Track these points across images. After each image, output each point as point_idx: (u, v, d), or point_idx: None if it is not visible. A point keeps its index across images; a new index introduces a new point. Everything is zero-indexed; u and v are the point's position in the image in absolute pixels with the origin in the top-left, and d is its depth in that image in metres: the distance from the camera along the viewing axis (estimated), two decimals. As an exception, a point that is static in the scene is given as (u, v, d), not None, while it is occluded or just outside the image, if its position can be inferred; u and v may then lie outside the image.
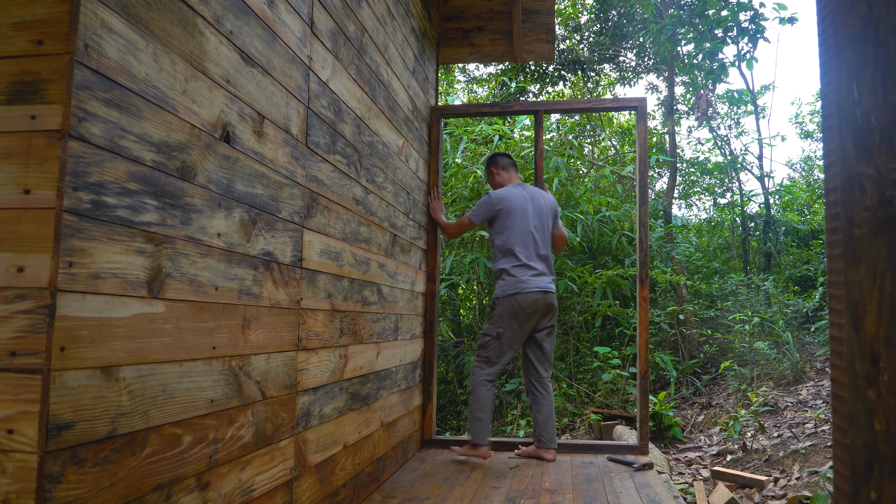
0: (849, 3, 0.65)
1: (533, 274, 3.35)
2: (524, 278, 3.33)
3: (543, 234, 3.45)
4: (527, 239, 3.38)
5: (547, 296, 3.37)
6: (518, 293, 3.31)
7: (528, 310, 3.32)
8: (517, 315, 3.32)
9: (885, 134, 0.62)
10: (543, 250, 3.43)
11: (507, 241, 3.40)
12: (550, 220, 3.52)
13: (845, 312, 0.65)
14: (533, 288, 3.32)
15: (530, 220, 3.41)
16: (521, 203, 3.43)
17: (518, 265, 3.35)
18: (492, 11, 4.42)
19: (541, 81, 10.82)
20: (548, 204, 3.53)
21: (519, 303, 3.31)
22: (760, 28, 7.61)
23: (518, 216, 3.40)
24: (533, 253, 3.38)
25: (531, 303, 3.31)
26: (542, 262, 3.40)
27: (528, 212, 3.42)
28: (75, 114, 1.09)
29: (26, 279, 1.05)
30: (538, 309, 3.34)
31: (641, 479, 3.05)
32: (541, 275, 3.37)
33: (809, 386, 5.67)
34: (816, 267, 8.62)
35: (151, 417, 1.29)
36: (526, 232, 3.39)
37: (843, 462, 0.65)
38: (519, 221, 3.40)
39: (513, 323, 3.34)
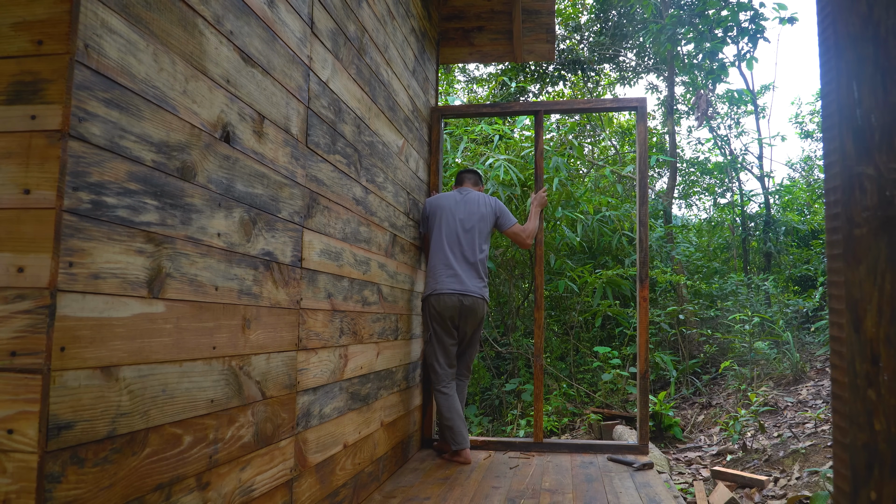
0: (849, 3, 0.65)
1: (449, 275, 3.37)
2: (440, 279, 3.38)
3: (473, 236, 3.46)
4: (451, 241, 3.42)
5: (465, 298, 3.37)
6: (431, 294, 3.39)
7: (443, 311, 3.37)
8: (434, 316, 3.40)
9: (885, 134, 0.62)
10: (469, 253, 3.43)
11: (433, 243, 3.47)
12: (486, 223, 3.52)
13: (845, 312, 0.65)
14: (446, 289, 3.36)
15: (458, 223, 3.45)
16: (450, 206, 3.50)
17: (437, 266, 3.42)
18: (492, 11, 4.42)
19: (541, 81, 10.82)
20: (485, 207, 3.54)
21: (433, 304, 3.38)
22: (760, 28, 7.61)
23: (443, 219, 3.47)
24: (457, 255, 3.41)
25: (447, 302, 3.36)
26: (464, 265, 3.41)
27: (455, 215, 3.47)
28: (75, 114, 1.09)
29: (26, 279, 1.05)
30: (453, 308, 3.36)
31: (641, 479, 3.05)
32: (455, 276, 3.38)
33: (809, 386, 5.67)
34: (816, 267, 8.62)
35: (151, 417, 1.29)
36: (451, 234, 3.43)
37: (843, 462, 0.65)
38: (444, 224, 3.46)
39: (433, 324, 3.41)
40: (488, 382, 6.64)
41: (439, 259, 3.41)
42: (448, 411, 3.35)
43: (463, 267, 3.40)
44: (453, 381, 3.45)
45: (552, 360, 6.74)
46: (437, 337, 3.42)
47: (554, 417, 5.75)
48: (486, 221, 3.53)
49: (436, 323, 3.40)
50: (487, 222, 3.53)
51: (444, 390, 3.39)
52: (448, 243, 3.41)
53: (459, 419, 3.36)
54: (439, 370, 3.42)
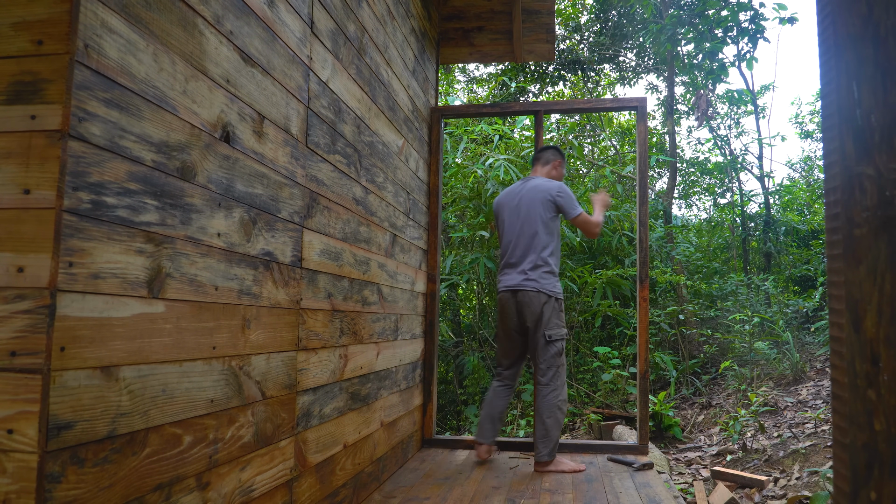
0: (849, 3, 0.65)
1: (505, 273, 3.35)
2: (500, 278, 3.38)
3: (529, 227, 3.29)
4: (511, 236, 3.36)
5: (516, 295, 3.26)
6: (498, 293, 3.39)
7: (502, 310, 3.35)
8: (498, 315, 3.40)
9: (885, 134, 0.62)
10: (525, 245, 3.30)
11: (500, 242, 3.46)
12: (542, 209, 3.29)
13: (845, 312, 0.65)
14: (501, 287, 3.35)
15: (518, 216, 3.35)
16: (509, 200, 3.43)
17: (501, 265, 3.41)
18: (492, 11, 4.42)
19: (541, 81, 10.82)
20: (542, 193, 3.31)
21: (498, 302, 3.37)
22: (760, 28, 7.61)
23: (505, 216, 3.42)
24: (514, 250, 3.33)
25: (501, 302, 3.34)
26: (519, 259, 3.30)
27: (515, 209, 3.38)
28: (75, 114, 1.09)
29: (26, 279, 1.05)
30: (509, 307, 3.31)
31: (641, 479, 3.05)
32: (509, 273, 3.32)
33: (809, 386, 5.67)
34: (816, 267, 8.62)
35: (151, 417, 1.29)
36: (511, 230, 3.37)
37: (843, 462, 0.65)
38: (506, 221, 3.41)
39: (498, 322, 3.43)
40: (488, 382, 6.64)
41: (503, 257, 3.40)
42: (483, 405, 3.41)
43: (518, 261, 3.31)
44: (505, 381, 3.42)
45: (552, 360, 6.72)
46: (497, 335, 3.47)
47: (554, 417, 5.74)
48: (542, 208, 3.28)
49: (498, 321, 3.42)
50: (543, 209, 3.28)
51: (492, 382, 3.45)
52: (507, 239, 3.37)
53: (486, 417, 3.37)
54: (496, 367, 3.47)
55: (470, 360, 6.61)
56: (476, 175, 6.42)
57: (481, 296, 7.52)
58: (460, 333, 7.40)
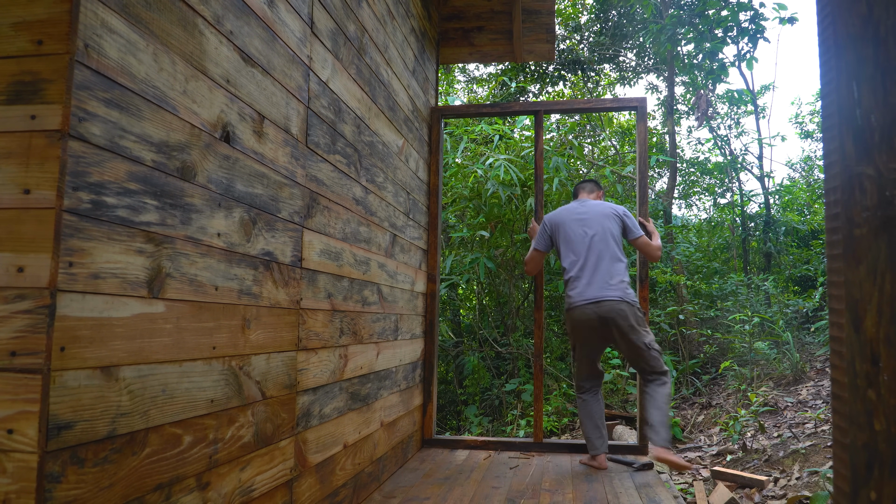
0: (849, 3, 0.65)
1: (583, 286, 3.24)
2: (574, 292, 3.26)
3: (602, 242, 3.30)
4: (580, 250, 3.29)
5: (600, 306, 3.19)
6: (569, 308, 3.27)
7: (581, 324, 3.23)
8: (574, 330, 3.28)
9: (885, 134, 0.62)
10: (599, 258, 3.27)
11: (563, 258, 3.35)
12: (613, 225, 3.35)
13: (845, 312, 0.65)
14: (579, 301, 3.22)
15: (585, 233, 3.31)
16: (571, 217, 3.37)
17: (570, 279, 3.29)
18: (492, 11, 4.42)
19: (541, 81, 10.82)
20: (609, 209, 3.39)
21: (572, 318, 3.26)
22: (760, 28, 7.61)
23: (569, 233, 3.33)
24: (587, 263, 3.27)
25: (580, 315, 3.22)
26: (597, 271, 3.25)
27: (580, 224, 3.33)
28: (75, 114, 1.09)
29: (26, 279, 1.05)
30: (589, 320, 3.21)
31: (641, 479, 3.05)
32: (588, 285, 3.23)
33: (809, 386, 5.67)
34: (816, 267, 8.62)
35: (151, 417, 1.29)
36: (580, 245, 3.30)
37: (843, 462, 0.65)
38: (571, 237, 3.32)
39: (574, 338, 3.34)
40: (488, 382, 6.64)
41: (572, 272, 3.30)
42: (583, 417, 3.37)
43: (595, 275, 3.26)
44: (592, 392, 3.39)
45: (552, 361, 6.74)
46: (578, 351, 3.36)
47: (554, 417, 5.75)
48: (613, 224, 3.35)
49: (576, 337, 3.31)
50: (614, 225, 3.36)
51: (583, 396, 3.38)
52: (576, 254, 3.30)
53: (593, 428, 3.31)
54: (580, 382, 3.38)
55: (470, 360, 6.61)
56: (476, 175, 6.42)
57: (481, 296, 7.52)
58: (460, 333, 7.40)
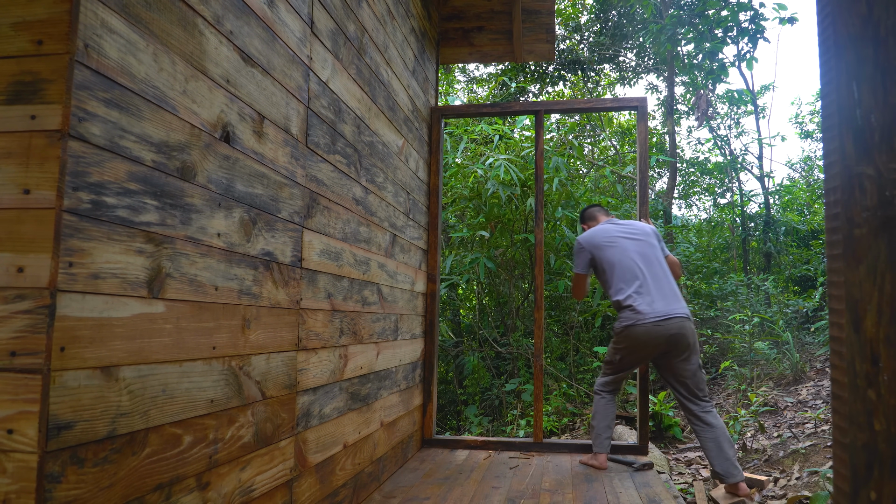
0: (849, 3, 0.65)
1: (650, 301, 3.16)
2: (641, 308, 3.15)
3: (654, 258, 3.28)
4: (628, 268, 3.23)
5: (671, 322, 3.12)
6: (636, 324, 3.14)
7: (647, 341, 3.14)
8: (631, 348, 3.19)
9: (885, 134, 0.62)
10: (659, 273, 3.24)
11: (614, 277, 3.26)
12: (656, 243, 3.35)
13: (845, 312, 0.65)
14: (652, 317, 3.12)
15: (628, 249, 3.26)
16: (613, 236, 3.32)
17: (631, 296, 3.19)
18: (492, 11, 4.42)
19: (541, 81, 10.82)
20: (646, 226, 3.41)
21: (636, 335, 3.14)
22: (760, 28, 7.61)
23: (612, 251, 3.27)
24: (648, 279, 3.21)
25: (649, 332, 3.12)
26: (660, 286, 3.21)
27: (628, 242, 3.29)
28: (75, 114, 1.09)
29: (26, 279, 1.05)
30: (658, 337, 3.12)
31: (641, 478, 3.05)
32: (658, 299, 3.19)
33: (809, 386, 5.67)
34: (816, 267, 8.62)
35: (151, 417, 1.29)
36: (627, 261, 3.24)
37: (843, 462, 0.65)
38: (616, 254, 3.26)
39: (627, 355, 3.24)
40: (488, 382, 6.64)
41: (631, 288, 3.19)
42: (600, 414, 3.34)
43: (660, 288, 3.20)
44: (616, 393, 3.36)
45: (552, 360, 6.74)
46: (619, 365, 3.28)
47: (554, 417, 5.75)
48: (655, 241, 3.35)
49: (631, 353, 3.20)
50: (656, 242, 3.35)
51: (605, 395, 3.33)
52: (630, 270, 3.22)
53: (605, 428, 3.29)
54: (606, 385, 3.34)
55: (470, 360, 6.61)
56: (476, 175, 6.43)
57: (481, 296, 7.52)
58: (460, 333, 7.40)
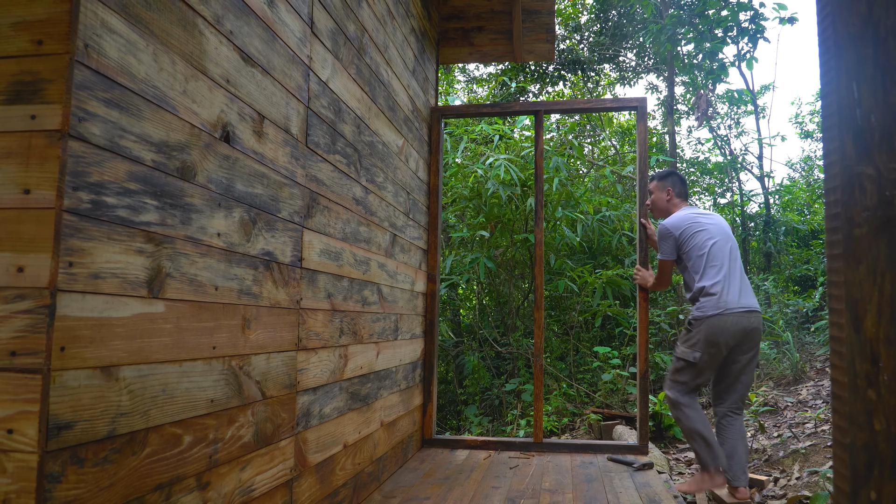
0: (849, 3, 0.65)
1: (737, 291, 3.09)
2: (727, 297, 3.06)
3: (736, 253, 3.22)
4: (720, 258, 3.15)
5: (752, 316, 3.07)
6: (719, 314, 3.05)
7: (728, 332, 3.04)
8: (715, 339, 3.06)
9: (885, 134, 0.62)
10: (738, 271, 3.17)
11: (699, 264, 3.17)
12: (733, 238, 3.29)
13: (845, 312, 0.65)
14: (736, 307, 3.05)
15: (717, 238, 3.19)
16: (700, 225, 3.24)
17: (714, 283, 3.10)
18: (492, 11, 4.42)
19: (541, 81, 10.82)
20: (724, 224, 3.32)
21: (719, 325, 3.04)
22: (760, 28, 7.61)
23: (703, 237, 3.19)
24: (734, 269, 3.15)
25: (731, 323, 3.03)
26: (743, 280, 3.15)
27: (711, 229, 3.22)
28: (75, 114, 1.09)
29: (26, 279, 1.05)
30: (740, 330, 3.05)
31: (641, 478, 3.05)
32: (742, 291, 3.11)
33: (809, 386, 5.67)
34: (816, 267, 8.62)
35: (151, 417, 1.29)
36: (719, 252, 3.17)
37: (843, 462, 0.65)
38: (707, 243, 3.18)
39: (706, 350, 3.09)
40: (488, 382, 6.64)
41: (717, 277, 3.11)
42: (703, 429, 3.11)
43: (742, 281, 3.14)
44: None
45: (552, 360, 6.74)
46: (700, 365, 3.11)
47: (554, 417, 5.75)
48: (730, 232, 3.29)
49: (710, 347, 3.06)
50: (731, 233, 3.29)
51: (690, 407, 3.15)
52: (718, 259, 3.14)
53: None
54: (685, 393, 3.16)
55: (470, 360, 6.61)
56: (476, 175, 6.43)
57: (481, 296, 7.52)
58: (460, 333, 7.40)
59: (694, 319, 3.13)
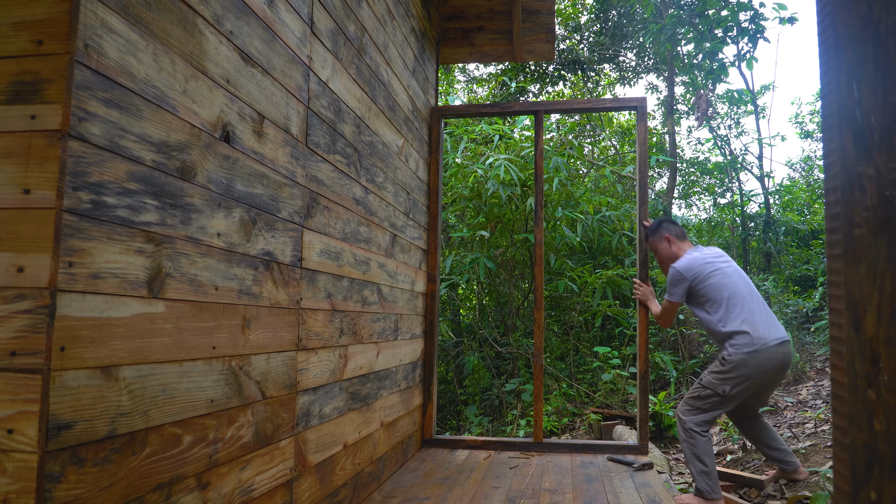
0: (849, 3, 0.65)
1: (768, 325, 3.12)
2: (760, 332, 3.10)
3: (751, 286, 3.27)
4: (743, 295, 3.18)
5: (786, 346, 3.12)
6: (755, 351, 3.07)
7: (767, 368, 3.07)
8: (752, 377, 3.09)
9: (885, 134, 0.62)
10: (762, 304, 3.22)
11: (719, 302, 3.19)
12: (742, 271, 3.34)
13: (845, 312, 0.65)
14: (777, 339, 3.09)
15: (731, 276, 3.22)
16: (714, 266, 3.27)
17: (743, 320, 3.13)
18: (492, 11, 4.42)
19: (541, 81, 10.82)
20: (731, 259, 3.38)
21: (757, 362, 3.07)
22: (760, 28, 7.61)
23: (719, 277, 3.22)
24: (756, 306, 3.17)
25: (770, 358, 3.07)
26: (770, 314, 3.19)
27: (725, 269, 3.25)
28: (75, 114, 1.09)
29: (26, 279, 1.05)
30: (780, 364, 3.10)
31: (641, 479, 3.05)
32: (774, 325, 3.16)
33: (809, 386, 5.67)
34: (816, 267, 8.62)
35: (151, 417, 1.29)
36: (738, 286, 3.20)
37: (843, 462, 0.65)
38: (726, 281, 3.21)
39: (741, 385, 3.11)
40: (488, 382, 6.64)
41: (742, 314, 3.13)
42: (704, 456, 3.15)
43: (769, 314, 3.17)
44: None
45: (552, 360, 6.74)
46: (727, 397, 3.13)
47: (554, 417, 5.75)
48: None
49: (746, 384, 3.10)
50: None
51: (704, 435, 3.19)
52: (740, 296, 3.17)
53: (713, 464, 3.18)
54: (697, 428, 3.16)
55: (470, 360, 6.61)
56: (476, 175, 6.43)
57: (481, 296, 7.52)
58: (460, 333, 7.40)
59: (728, 356, 3.14)
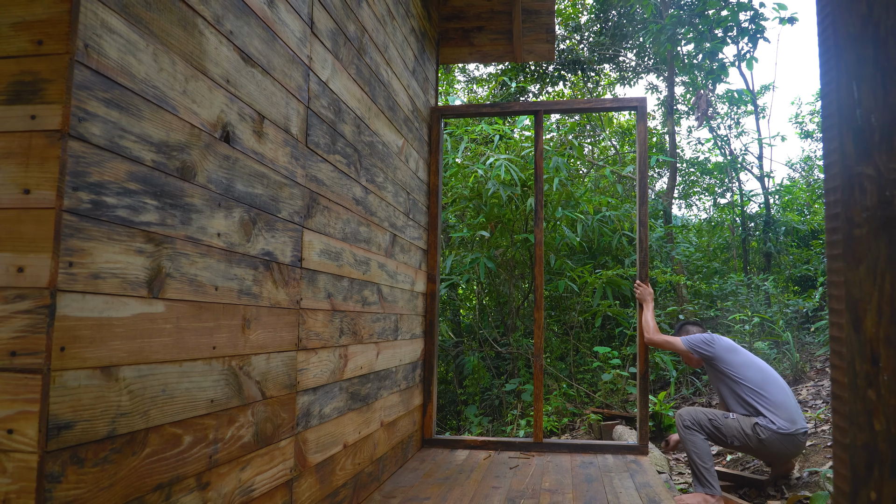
0: (849, 3, 0.65)
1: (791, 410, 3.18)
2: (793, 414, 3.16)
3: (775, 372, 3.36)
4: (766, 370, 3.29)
5: (806, 436, 3.21)
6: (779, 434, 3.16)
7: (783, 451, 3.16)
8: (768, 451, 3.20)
9: (885, 134, 0.62)
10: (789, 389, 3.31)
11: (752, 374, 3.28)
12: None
13: (845, 312, 0.65)
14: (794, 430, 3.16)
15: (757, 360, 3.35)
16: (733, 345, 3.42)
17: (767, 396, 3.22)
18: (492, 11, 4.42)
19: (541, 81, 10.82)
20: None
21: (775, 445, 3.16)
22: (760, 28, 7.61)
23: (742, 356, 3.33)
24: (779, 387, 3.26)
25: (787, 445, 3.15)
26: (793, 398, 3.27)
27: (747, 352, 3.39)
28: (75, 114, 1.09)
29: (26, 279, 1.05)
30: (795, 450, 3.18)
31: (641, 479, 3.05)
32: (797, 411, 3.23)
33: (809, 386, 5.67)
34: (816, 267, 8.62)
35: (151, 417, 1.29)
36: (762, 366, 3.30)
37: (843, 462, 0.65)
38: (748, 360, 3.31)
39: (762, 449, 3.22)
40: (488, 382, 6.64)
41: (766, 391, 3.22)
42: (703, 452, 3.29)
43: (793, 398, 3.26)
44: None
45: (552, 360, 6.74)
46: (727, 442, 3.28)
47: (554, 417, 5.75)
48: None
49: (752, 449, 3.24)
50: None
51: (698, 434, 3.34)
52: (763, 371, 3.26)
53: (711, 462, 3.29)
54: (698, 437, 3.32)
55: (470, 360, 6.61)
56: (476, 175, 6.42)
57: (481, 296, 7.52)
58: (460, 333, 7.40)
59: (761, 426, 3.22)
